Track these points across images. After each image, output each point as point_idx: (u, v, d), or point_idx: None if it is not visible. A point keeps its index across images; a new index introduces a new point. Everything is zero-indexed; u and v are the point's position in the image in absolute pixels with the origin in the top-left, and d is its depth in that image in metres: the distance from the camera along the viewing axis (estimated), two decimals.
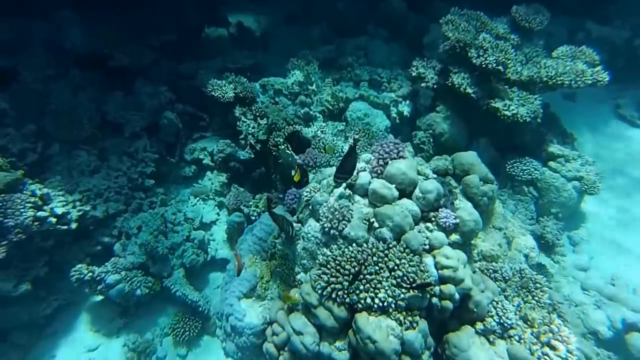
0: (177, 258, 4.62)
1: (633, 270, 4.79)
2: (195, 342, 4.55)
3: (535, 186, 5.03)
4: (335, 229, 2.86)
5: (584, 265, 4.78)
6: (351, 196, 3.06)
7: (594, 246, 4.97)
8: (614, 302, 4.37)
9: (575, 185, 4.96)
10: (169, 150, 5.23)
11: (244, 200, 4.67)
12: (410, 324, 2.67)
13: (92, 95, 4.80)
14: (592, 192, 4.91)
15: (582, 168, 4.97)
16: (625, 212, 5.25)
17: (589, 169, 4.98)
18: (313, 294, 2.81)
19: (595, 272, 4.71)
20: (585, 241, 4.92)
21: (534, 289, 3.10)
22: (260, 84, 5.47)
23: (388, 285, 2.69)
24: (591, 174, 4.94)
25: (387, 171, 3.05)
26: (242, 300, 3.49)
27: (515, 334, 2.90)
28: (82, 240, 4.47)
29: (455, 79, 4.84)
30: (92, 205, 4.47)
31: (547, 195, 4.98)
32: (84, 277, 4.07)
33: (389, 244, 2.81)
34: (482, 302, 2.85)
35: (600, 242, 5.02)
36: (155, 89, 5.26)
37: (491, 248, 3.20)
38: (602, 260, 4.88)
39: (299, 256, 3.12)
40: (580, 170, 4.94)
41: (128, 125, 5.02)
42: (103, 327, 4.46)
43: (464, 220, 2.99)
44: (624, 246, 5.04)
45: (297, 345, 2.84)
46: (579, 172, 4.93)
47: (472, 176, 3.22)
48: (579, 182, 4.95)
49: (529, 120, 4.62)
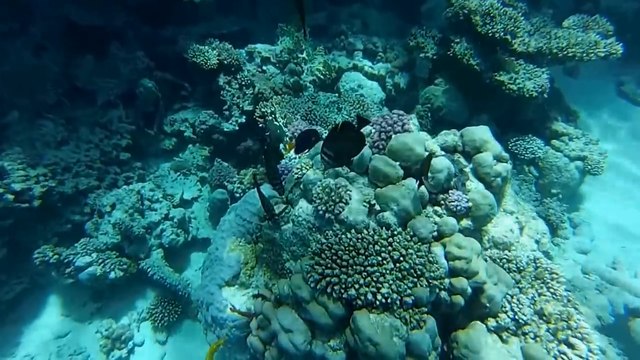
0: (155, 238, 4.06)
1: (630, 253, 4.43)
2: (175, 327, 4.05)
3: (535, 166, 4.56)
4: (330, 212, 2.32)
5: (584, 248, 4.38)
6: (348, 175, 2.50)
7: (594, 229, 4.57)
8: (616, 287, 4.01)
9: (578, 166, 4.50)
10: (146, 122, 4.56)
11: (227, 175, 4.08)
12: (417, 322, 2.18)
13: (58, 58, 4.05)
14: (596, 172, 4.45)
15: (585, 147, 4.49)
16: (627, 194, 4.84)
17: (593, 149, 4.51)
18: (305, 288, 2.29)
19: (596, 256, 4.33)
20: (586, 223, 4.50)
21: (550, 280, 2.64)
22: (247, 51, 4.78)
23: (392, 279, 2.17)
24: (595, 154, 4.48)
25: (390, 146, 2.50)
26: (224, 289, 2.96)
27: (530, 331, 2.45)
28: (49, 219, 3.85)
29: (458, 49, 4.25)
30: (60, 180, 3.82)
31: (548, 175, 4.52)
32: (48, 259, 3.48)
33: (393, 230, 2.28)
34: (496, 297, 2.37)
35: (600, 224, 4.62)
36: (131, 54, 4.53)
37: (503, 234, 2.71)
38: (602, 243, 4.49)
39: (288, 242, 2.58)
40: (584, 150, 4.47)
41: (101, 93, 4.32)
42: (74, 312, 3.91)
43: (477, 203, 2.48)
44: (624, 229, 4.65)
45: (285, 344, 2.34)
46: (583, 151, 4.46)
47: (485, 154, 2.68)
48: (582, 162, 4.49)
49: (535, 95, 4.08)
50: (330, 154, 2.02)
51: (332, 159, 2.06)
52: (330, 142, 2.04)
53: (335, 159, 2.07)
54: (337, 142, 2.02)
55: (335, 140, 2.03)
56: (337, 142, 2.02)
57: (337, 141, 2.02)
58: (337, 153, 2.03)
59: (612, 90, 5.52)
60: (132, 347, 3.85)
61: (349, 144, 2.04)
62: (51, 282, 3.90)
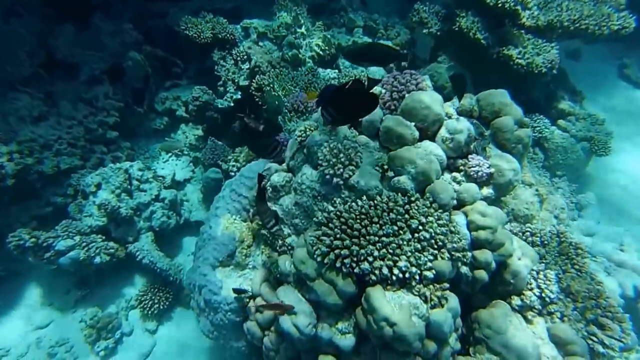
0: (144, 220, 3.68)
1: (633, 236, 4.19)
2: (167, 315, 3.69)
3: (541, 146, 4.29)
4: (339, 176, 1.99)
5: (590, 230, 4.13)
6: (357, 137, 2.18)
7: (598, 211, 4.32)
8: (624, 269, 3.76)
9: (584, 146, 4.25)
10: (136, 99, 4.17)
11: (222, 154, 3.72)
12: (439, 300, 1.87)
13: (34, 26, 3.64)
14: (602, 153, 4.21)
15: (592, 128, 4.24)
16: (630, 176, 4.60)
17: (599, 129, 4.26)
18: (310, 263, 1.96)
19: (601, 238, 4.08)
20: (592, 205, 4.24)
21: (575, 256, 2.36)
22: (242, 27, 4.42)
23: (410, 251, 1.86)
24: (601, 134, 4.23)
25: (404, 105, 2.18)
26: (218, 270, 2.62)
27: (556, 310, 2.16)
28: (26, 200, 3.46)
29: (464, 22, 3.95)
30: (37, 158, 3.42)
31: (554, 156, 4.25)
32: (24, 243, 3.09)
33: (410, 196, 1.96)
34: (522, 272, 2.07)
35: (604, 206, 4.37)
36: (118, 26, 4.14)
37: (525, 206, 2.41)
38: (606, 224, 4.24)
39: (289, 214, 2.25)
40: (590, 130, 4.22)
41: (84, 67, 3.92)
42: (57, 300, 3.52)
43: (501, 169, 2.17)
44: (627, 211, 4.42)
45: (287, 327, 2.01)
46: (589, 131, 4.21)
47: (506, 118, 2.38)
48: (588, 143, 4.24)
49: (544, 71, 3.80)
50: (333, 113, 1.73)
51: (337, 117, 1.76)
52: (337, 99, 1.74)
53: (340, 118, 1.77)
54: (344, 99, 1.73)
55: (343, 98, 1.73)
56: (345, 100, 1.73)
57: (344, 99, 1.73)
58: (343, 110, 1.73)
59: (614, 73, 5.28)
60: (119, 337, 3.48)
61: (358, 102, 1.74)
62: (30, 269, 3.52)
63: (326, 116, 1.76)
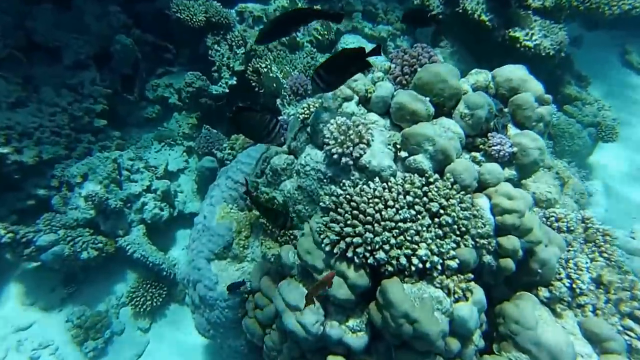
0: (135, 213, 3.39)
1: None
2: (160, 313, 3.42)
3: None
4: (348, 155, 1.71)
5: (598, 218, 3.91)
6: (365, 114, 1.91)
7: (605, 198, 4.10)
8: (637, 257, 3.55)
9: (591, 132, 4.02)
10: (125, 86, 3.85)
11: (216, 142, 3.43)
12: (463, 293, 1.61)
13: (10, 6, 3.30)
14: (609, 139, 3.99)
15: (599, 113, 4.02)
16: (635, 164, 4.39)
17: (606, 115, 4.04)
18: (317, 253, 1.69)
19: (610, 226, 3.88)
20: (600, 192, 4.03)
21: (603, 243, 2.12)
22: (237, 11, 4.11)
23: (431, 237, 1.59)
24: (608, 120, 4.01)
25: (418, 78, 1.91)
26: (213, 263, 2.34)
27: (587, 302, 1.91)
28: (5, 193, 3.13)
29: (468, 3, 3.68)
30: (16, 148, 3.10)
31: (559, 142, 4.02)
32: (0, 239, 2.78)
33: (428, 177, 1.70)
34: (551, 261, 1.82)
35: (610, 194, 4.16)
36: (104, 9, 3.81)
37: (547, 190, 2.16)
38: (613, 213, 4.03)
39: (292, 199, 1.97)
40: (597, 116, 3.99)
41: (68, 50, 3.59)
42: (41, 299, 3.22)
43: (525, 147, 1.91)
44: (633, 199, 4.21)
45: (292, 325, 1.74)
46: (596, 117, 3.98)
47: (526, 94, 2.12)
48: (595, 129, 4.02)
49: (552, 53, 3.57)
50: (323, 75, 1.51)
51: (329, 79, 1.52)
52: (328, 63, 1.52)
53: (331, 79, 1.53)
54: (335, 62, 1.53)
55: (334, 60, 1.52)
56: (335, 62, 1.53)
57: (335, 61, 1.53)
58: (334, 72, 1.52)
59: (616, 59, 5.07)
60: (109, 337, 3.19)
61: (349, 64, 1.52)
62: (10, 267, 3.20)
63: (317, 81, 1.52)
